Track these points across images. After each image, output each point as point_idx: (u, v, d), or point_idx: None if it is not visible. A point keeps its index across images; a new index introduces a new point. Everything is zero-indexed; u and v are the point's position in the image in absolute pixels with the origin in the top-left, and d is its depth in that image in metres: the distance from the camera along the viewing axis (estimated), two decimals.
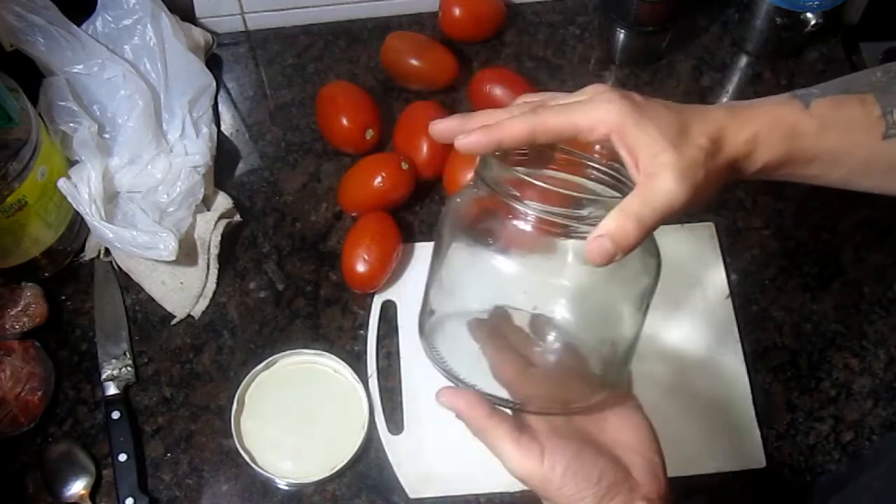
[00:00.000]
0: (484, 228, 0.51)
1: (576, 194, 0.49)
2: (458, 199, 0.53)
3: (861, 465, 0.70)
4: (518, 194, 0.48)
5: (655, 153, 0.47)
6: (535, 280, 0.50)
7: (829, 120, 0.52)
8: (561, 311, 0.51)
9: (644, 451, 0.51)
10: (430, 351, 0.53)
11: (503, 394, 0.51)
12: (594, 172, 0.53)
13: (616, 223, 0.46)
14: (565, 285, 0.50)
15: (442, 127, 0.53)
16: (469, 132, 0.50)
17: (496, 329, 0.53)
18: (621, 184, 0.51)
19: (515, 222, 0.48)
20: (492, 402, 0.50)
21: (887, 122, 0.52)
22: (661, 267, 0.51)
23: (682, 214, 0.48)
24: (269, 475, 0.71)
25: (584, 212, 0.47)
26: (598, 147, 0.52)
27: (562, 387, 0.53)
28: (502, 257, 0.49)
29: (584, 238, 0.46)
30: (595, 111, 0.49)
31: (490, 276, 0.50)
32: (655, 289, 0.52)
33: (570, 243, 0.48)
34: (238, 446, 0.72)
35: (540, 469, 0.49)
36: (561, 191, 0.48)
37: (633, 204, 0.47)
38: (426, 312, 0.55)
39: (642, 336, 0.54)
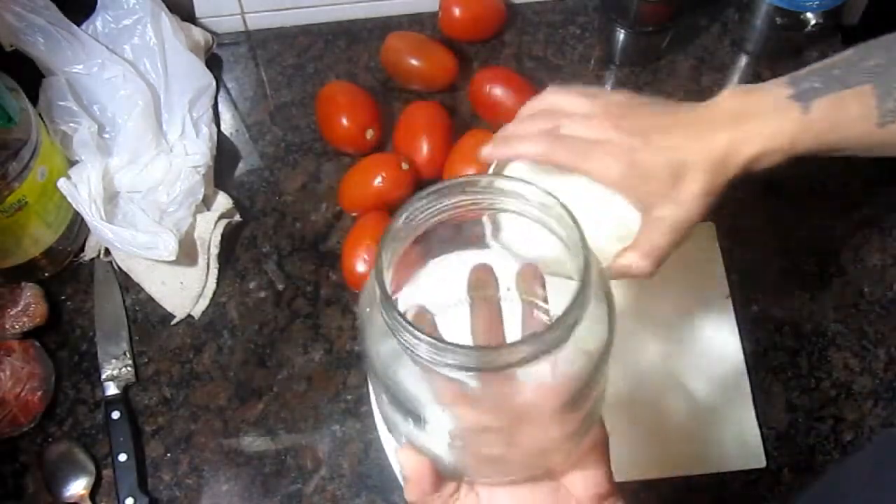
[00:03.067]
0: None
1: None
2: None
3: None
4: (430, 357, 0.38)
5: (650, 206, 0.58)
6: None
7: (828, 121, 0.56)
8: None
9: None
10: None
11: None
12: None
13: (630, 259, 0.57)
14: None
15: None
16: (491, 141, 0.62)
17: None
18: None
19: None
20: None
21: (881, 110, 0.56)
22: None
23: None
24: None
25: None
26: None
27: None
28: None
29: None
30: (600, 165, 0.58)
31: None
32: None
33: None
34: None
35: None
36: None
37: (642, 242, 0.58)
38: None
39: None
